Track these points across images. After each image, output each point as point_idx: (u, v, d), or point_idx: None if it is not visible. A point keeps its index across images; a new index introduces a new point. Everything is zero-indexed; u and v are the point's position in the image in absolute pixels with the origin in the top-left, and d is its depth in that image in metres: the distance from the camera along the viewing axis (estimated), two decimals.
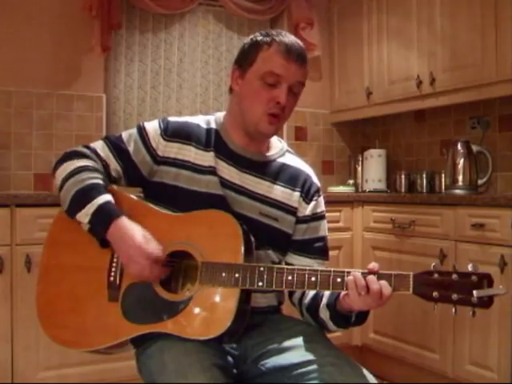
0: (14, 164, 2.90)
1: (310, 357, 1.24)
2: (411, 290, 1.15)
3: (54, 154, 2.97)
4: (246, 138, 1.41)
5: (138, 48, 3.28)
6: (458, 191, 2.84)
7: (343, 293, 1.23)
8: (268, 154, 1.45)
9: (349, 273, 1.19)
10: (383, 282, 1.16)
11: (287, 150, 1.51)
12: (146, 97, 3.30)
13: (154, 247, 1.25)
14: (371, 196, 3.07)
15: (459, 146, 2.88)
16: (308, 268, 1.23)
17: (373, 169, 3.44)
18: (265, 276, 1.22)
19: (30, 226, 2.28)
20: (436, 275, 1.15)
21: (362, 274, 1.18)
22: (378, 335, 2.89)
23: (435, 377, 2.56)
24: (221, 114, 1.48)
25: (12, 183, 2.90)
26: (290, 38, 1.35)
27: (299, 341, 1.30)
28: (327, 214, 1.53)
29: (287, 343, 1.30)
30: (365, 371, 1.23)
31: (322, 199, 1.50)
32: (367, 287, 1.16)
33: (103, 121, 3.11)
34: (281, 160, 1.46)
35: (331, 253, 1.50)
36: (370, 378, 1.23)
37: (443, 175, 3.08)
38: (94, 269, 1.32)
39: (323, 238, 1.47)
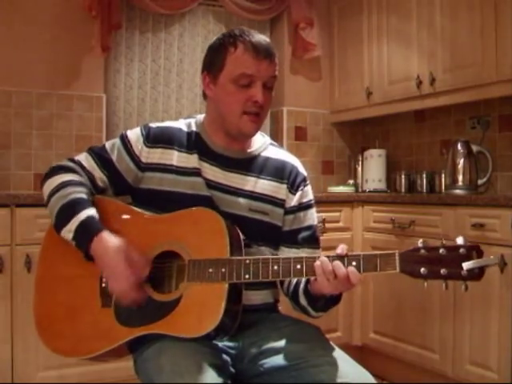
0: (14, 164, 2.90)
1: (308, 356, 1.24)
2: (398, 268, 1.14)
3: (54, 154, 2.98)
4: (227, 139, 1.42)
5: (138, 48, 3.28)
6: (458, 191, 2.84)
7: (313, 278, 1.23)
8: (250, 149, 1.45)
9: (334, 257, 1.19)
10: (351, 269, 1.16)
11: (270, 143, 1.51)
12: (146, 97, 3.30)
13: (132, 270, 1.25)
14: (371, 196, 3.07)
15: (459, 146, 2.88)
16: (293, 256, 1.23)
17: (373, 169, 3.44)
18: (251, 268, 1.23)
19: (29, 226, 2.28)
20: (423, 251, 1.14)
21: (331, 257, 1.18)
22: (378, 335, 2.89)
23: (435, 377, 2.56)
24: (201, 117, 1.49)
25: (12, 183, 2.90)
26: (254, 36, 1.34)
27: (297, 340, 1.30)
28: (327, 214, 1.52)
29: (285, 342, 1.30)
30: (364, 371, 1.23)
31: (309, 188, 1.49)
32: (334, 273, 1.16)
33: (103, 121, 3.11)
34: (264, 154, 1.47)
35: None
36: (370, 377, 1.22)
37: (443, 175, 3.07)
38: (87, 277, 1.34)
39: (311, 227, 1.46)
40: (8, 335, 2.26)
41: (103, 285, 1.33)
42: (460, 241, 1.12)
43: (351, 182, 3.59)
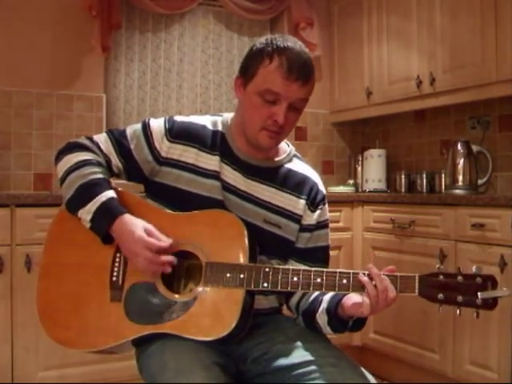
0: (14, 164, 2.90)
1: (310, 357, 1.24)
2: (417, 291, 1.16)
3: (54, 154, 2.95)
4: (248, 146, 1.38)
5: (138, 48, 3.28)
6: (458, 191, 2.84)
7: (350, 300, 1.22)
8: (276, 159, 1.43)
9: (355, 274, 1.18)
10: (391, 287, 1.16)
11: (295, 155, 1.49)
12: (146, 97, 3.30)
13: (155, 238, 1.25)
14: (371, 196, 3.07)
15: (459, 146, 2.88)
16: (314, 269, 1.22)
17: (373, 169, 3.44)
18: (270, 277, 1.21)
19: (30, 226, 2.28)
20: (441, 277, 1.16)
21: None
22: (378, 335, 2.89)
23: (435, 377, 2.56)
24: (228, 116, 1.45)
25: (12, 183, 2.90)
26: (293, 51, 1.27)
27: (299, 341, 1.30)
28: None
29: (287, 343, 1.30)
30: (365, 371, 1.23)
31: (326, 207, 1.46)
32: (386, 292, 1.15)
33: (103, 121, 3.11)
34: (288, 166, 1.44)
35: (331, 253, 1.49)
36: (370, 378, 1.23)
37: (443, 175, 3.08)
38: (96, 268, 1.31)
39: (326, 248, 1.45)
40: (8, 335, 2.26)
41: (114, 278, 1.30)
42: (475, 270, 1.16)
43: (351, 181, 3.59)
